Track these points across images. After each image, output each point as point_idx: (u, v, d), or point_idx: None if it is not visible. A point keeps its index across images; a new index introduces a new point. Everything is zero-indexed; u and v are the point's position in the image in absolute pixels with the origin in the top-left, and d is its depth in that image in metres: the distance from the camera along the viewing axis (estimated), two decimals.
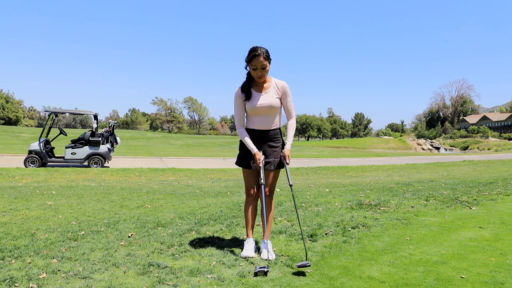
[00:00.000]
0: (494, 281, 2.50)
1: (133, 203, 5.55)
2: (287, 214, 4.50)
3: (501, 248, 3.20)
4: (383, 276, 2.59)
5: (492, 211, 4.68)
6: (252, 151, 3.00)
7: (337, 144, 47.31)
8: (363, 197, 5.79)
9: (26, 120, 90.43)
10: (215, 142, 42.01)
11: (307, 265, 2.62)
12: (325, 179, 10.25)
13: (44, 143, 12.19)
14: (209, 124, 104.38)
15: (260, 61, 2.84)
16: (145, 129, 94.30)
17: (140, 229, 3.84)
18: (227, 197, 6.22)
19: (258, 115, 3.01)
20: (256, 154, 2.97)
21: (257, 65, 2.86)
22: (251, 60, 2.86)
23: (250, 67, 2.90)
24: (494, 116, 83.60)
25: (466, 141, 55.40)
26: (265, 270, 2.56)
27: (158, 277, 2.52)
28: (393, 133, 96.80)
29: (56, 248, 3.15)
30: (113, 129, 13.66)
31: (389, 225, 3.96)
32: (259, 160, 2.96)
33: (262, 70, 2.88)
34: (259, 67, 2.86)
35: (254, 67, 2.87)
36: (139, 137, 43.12)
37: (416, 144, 51.59)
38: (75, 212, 4.77)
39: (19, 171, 10.45)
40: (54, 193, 6.51)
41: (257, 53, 2.84)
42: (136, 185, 8.43)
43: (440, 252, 3.08)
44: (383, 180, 9.58)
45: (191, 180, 9.73)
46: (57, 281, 2.46)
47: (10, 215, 4.52)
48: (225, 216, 4.43)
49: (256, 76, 2.92)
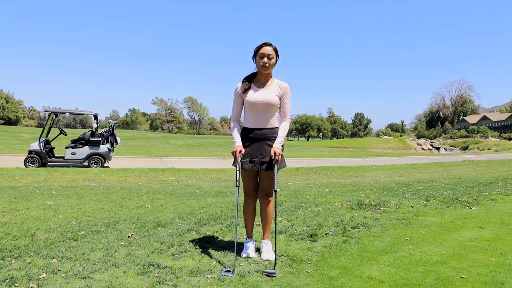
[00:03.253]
0: (494, 281, 2.50)
1: (133, 203, 5.55)
2: (287, 214, 4.50)
3: (501, 248, 3.19)
4: (383, 276, 2.59)
5: (492, 211, 4.68)
6: (234, 144, 2.99)
7: (337, 144, 47.28)
8: (363, 197, 5.79)
9: (26, 120, 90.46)
10: (215, 142, 42.00)
11: (272, 275, 2.57)
12: (325, 179, 10.25)
13: (44, 143, 12.19)
14: (209, 124, 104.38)
15: (269, 49, 2.93)
16: (145, 129, 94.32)
17: (140, 229, 3.84)
18: (227, 197, 6.22)
19: (255, 111, 2.98)
20: (236, 147, 2.95)
21: (265, 53, 2.92)
22: (261, 48, 2.94)
23: (258, 55, 2.95)
24: (494, 116, 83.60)
25: (466, 141, 55.39)
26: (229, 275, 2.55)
27: (158, 277, 2.52)
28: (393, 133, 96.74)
29: (56, 248, 3.15)
30: (113, 129, 13.65)
31: (389, 225, 3.96)
32: (238, 153, 2.90)
33: (268, 60, 2.93)
34: (266, 54, 2.92)
35: (261, 55, 2.93)
36: (139, 137, 43.12)
37: (416, 144, 51.56)
38: (75, 212, 4.77)
39: (19, 171, 10.45)
40: (54, 193, 6.51)
41: (267, 43, 2.96)
42: (136, 185, 8.43)
43: (440, 252, 3.08)
44: (383, 180, 9.58)
45: (191, 180, 9.73)
46: (57, 281, 2.46)
47: (10, 215, 4.52)
48: (225, 216, 4.42)
49: (261, 65, 2.94)
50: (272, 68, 2.98)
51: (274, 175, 2.91)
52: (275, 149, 2.88)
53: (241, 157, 2.93)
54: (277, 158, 2.86)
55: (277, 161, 2.87)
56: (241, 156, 2.92)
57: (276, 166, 2.87)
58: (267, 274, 2.59)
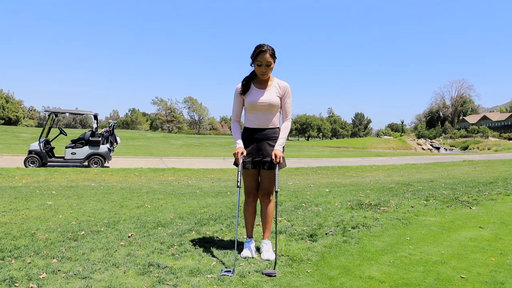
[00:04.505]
0: (494, 281, 2.50)
1: (133, 203, 5.55)
2: (287, 214, 4.50)
3: (501, 248, 3.19)
4: (383, 276, 2.59)
5: (492, 211, 4.68)
6: (236, 145, 2.98)
7: (337, 144, 47.27)
8: (363, 197, 5.79)
9: (26, 120, 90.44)
10: (215, 142, 42.00)
11: (272, 275, 2.58)
12: (325, 179, 10.25)
13: (44, 143, 12.19)
14: (209, 124, 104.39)
15: (266, 57, 2.86)
16: (145, 129, 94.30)
17: (140, 229, 3.83)
18: (227, 197, 6.22)
19: (256, 112, 2.98)
20: (238, 149, 2.94)
21: (262, 62, 2.87)
22: (257, 56, 2.87)
23: (255, 63, 2.91)
24: (494, 116, 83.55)
25: (466, 141, 55.32)
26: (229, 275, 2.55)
27: (158, 277, 2.52)
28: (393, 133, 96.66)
29: (56, 248, 3.15)
30: (113, 129, 13.65)
31: (389, 225, 3.96)
32: (240, 155, 2.89)
33: (266, 67, 2.89)
34: (264, 63, 2.87)
35: (259, 63, 2.88)
36: (139, 137, 43.12)
37: (416, 144, 51.53)
38: (75, 212, 4.77)
39: (19, 171, 10.45)
40: (54, 193, 6.51)
41: (263, 49, 2.86)
42: (136, 185, 8.43)
43: (440, 252, 3.08)
44: (383, 180, 9.58)
45: (191, 180, 9.73)
46: (57, 281, 2.46)
47: (10, 215, 4.52)
48: (225, 216, 4.42)
49: (260, 73, 2.92)
50: (271, 72, 2.97)
51: (275, 175, 2.92)
52: (276, 152, 2.88)
53: (242, 159, 2.93)
54: (278, 161, 2.87)
55: (279, 163, 2.88)
56: (242, 157, 2.92)
57: (277, 167, 2.88)
58: (267, 274, 2.59)
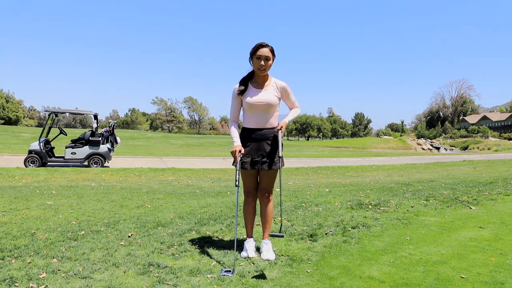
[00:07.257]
0: (494, 281, 2.50)
1: (133, 203, 5.55)
2: (287, 214, 4.50)
3: (501, 248, 3.19)
4: (383, 276, 2.59)
5: (492, 211, 4.68)
6: (233, 144, 2.99)
7: (337, 144, 47.27)
8: (363, 197, 5.79)
9: (26, 120, 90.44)
10: (215, 142, 41.99)
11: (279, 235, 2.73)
12: (325, 179, 10.25)
13: (44, 143, 12.19)
14: (209, 124, 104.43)
15: (266, 51, 2.89)
16: (145, 129, 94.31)
17: (140, 229, 3.83)
18: (227, 197, 6.22)
19: (254, 112, 2.98)
20: (236, 147, 2.93)
21: (262, 55, 2.89)
22: (257, 50, 2.90)
23: (254, 57, 2.93)
24: (494, 116, 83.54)
25: (466, 141, 55.32)
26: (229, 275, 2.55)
27: (158, 277, 2.52)
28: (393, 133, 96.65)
29: (56, 248, 3.15)
30: (113, 129, 13.65)
31: (389, 225, 3.96)
32: (237, 153, 2.89)
33: (265, 61, 2.91)
34: (263, 57, 2.90)
35: (258, 56, 2.90)
36: (139, 137, 43.12)
37: (416, 144, 51.53)
38: (75, 212, 4.77)
39: (19, 171, 10.45)
40: (54, 193, 6.51)
41: (263, 44, 2.92)
42: (136, 185, 8.43)
43: (440, 252, 3.08)
44: (383, 180, 9.58)
45: (191, 180, 9.72)
46: (57, 281, 2.46)
47: (10, 215, 4.52)
48: (225, 216, 4.42)
49: (258, 67, 2.92)
50: (269, 69, 2.98)
51: (274, 174, 2.95)
52: (281, 123, 2.98)
53: (240, 157, 2.93)
54: (279, 128, 2.93)
55: (280, 130, 2.94)
56: (240, 155, 2.92)
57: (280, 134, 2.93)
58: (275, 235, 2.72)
